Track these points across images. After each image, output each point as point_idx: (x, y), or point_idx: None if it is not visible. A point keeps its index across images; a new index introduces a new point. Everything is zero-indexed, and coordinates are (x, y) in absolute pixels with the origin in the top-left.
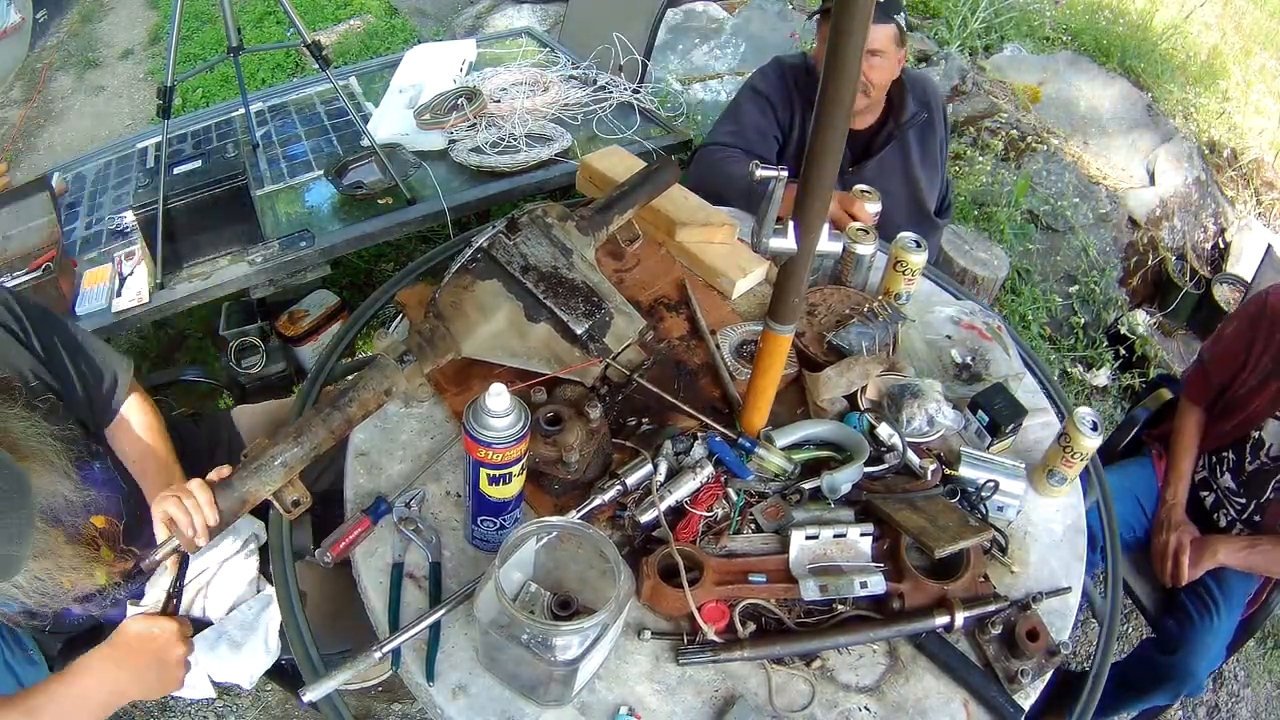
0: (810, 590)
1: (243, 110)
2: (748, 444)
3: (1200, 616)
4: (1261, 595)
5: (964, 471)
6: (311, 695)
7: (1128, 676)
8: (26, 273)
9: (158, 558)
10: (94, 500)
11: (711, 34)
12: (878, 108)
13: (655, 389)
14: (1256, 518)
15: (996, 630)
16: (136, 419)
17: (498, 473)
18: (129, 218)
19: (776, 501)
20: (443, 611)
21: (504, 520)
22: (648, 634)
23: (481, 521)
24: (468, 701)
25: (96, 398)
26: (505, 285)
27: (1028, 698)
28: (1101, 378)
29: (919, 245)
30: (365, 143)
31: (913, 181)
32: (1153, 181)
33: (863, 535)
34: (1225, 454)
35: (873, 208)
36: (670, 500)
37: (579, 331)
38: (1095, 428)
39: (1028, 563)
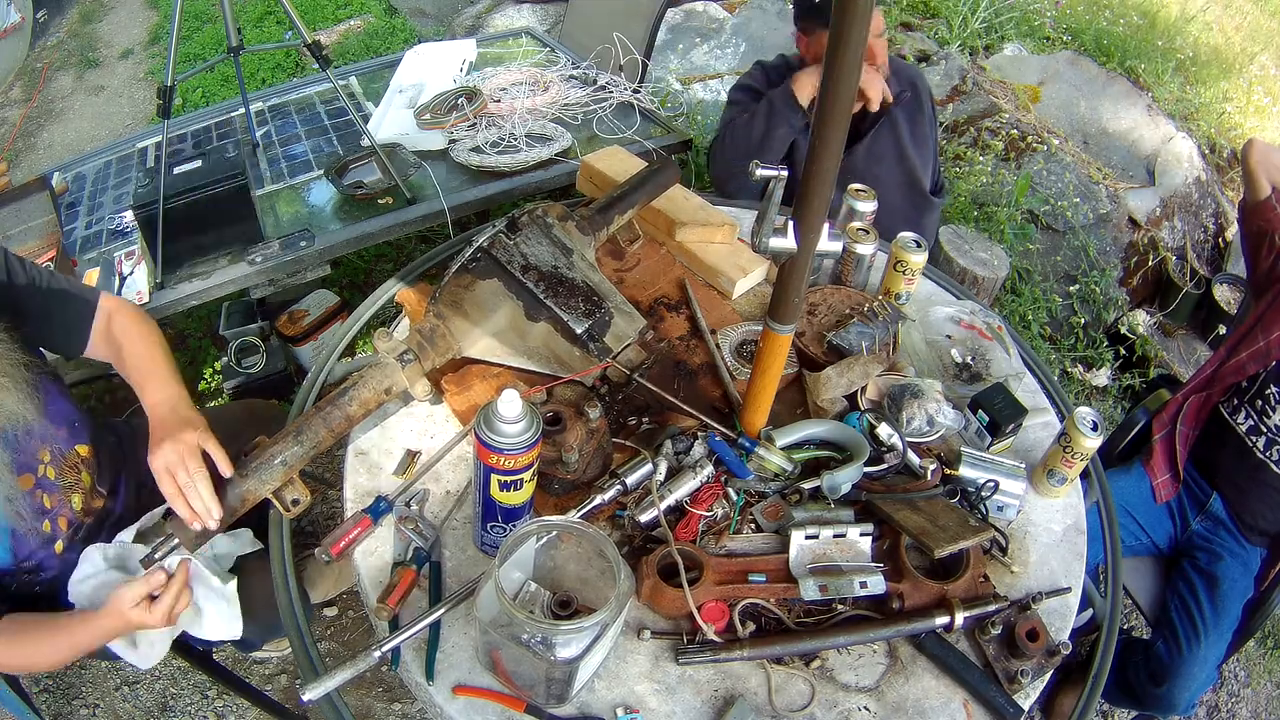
0: (810, 590)
1: (243, 110)
2: (748, 444)
3: (1189, 645)
4: (1262, 584)
5: (964, 471)
6: (310, 694)
7: (1123, 682)
8: None
9: (158, 555)
10: (78, 430)
11: (711, 34)
12: None
13: (655, 388)
14: None
15: (996, 630)
16: (124, 329)
17: (509, 479)
18: (129, 217)
19: (776, 501)
20: (442, 611)
21: (514, 527)
22: (647, 634)
23: (491, 528)
24: (467, 701)
25: (66, 323)
26: (505, 284)
27: (1028, 698)
28: (1101, 378)
29: (919, 245)
30: (365, 142)
31: (906, 160)
32: (1153, 181)
33: (863, 535)
34: (1269, 390)
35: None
36: (670, 500)
37: (579, 331)
38: (1095, 428)
39: (1028, 563)
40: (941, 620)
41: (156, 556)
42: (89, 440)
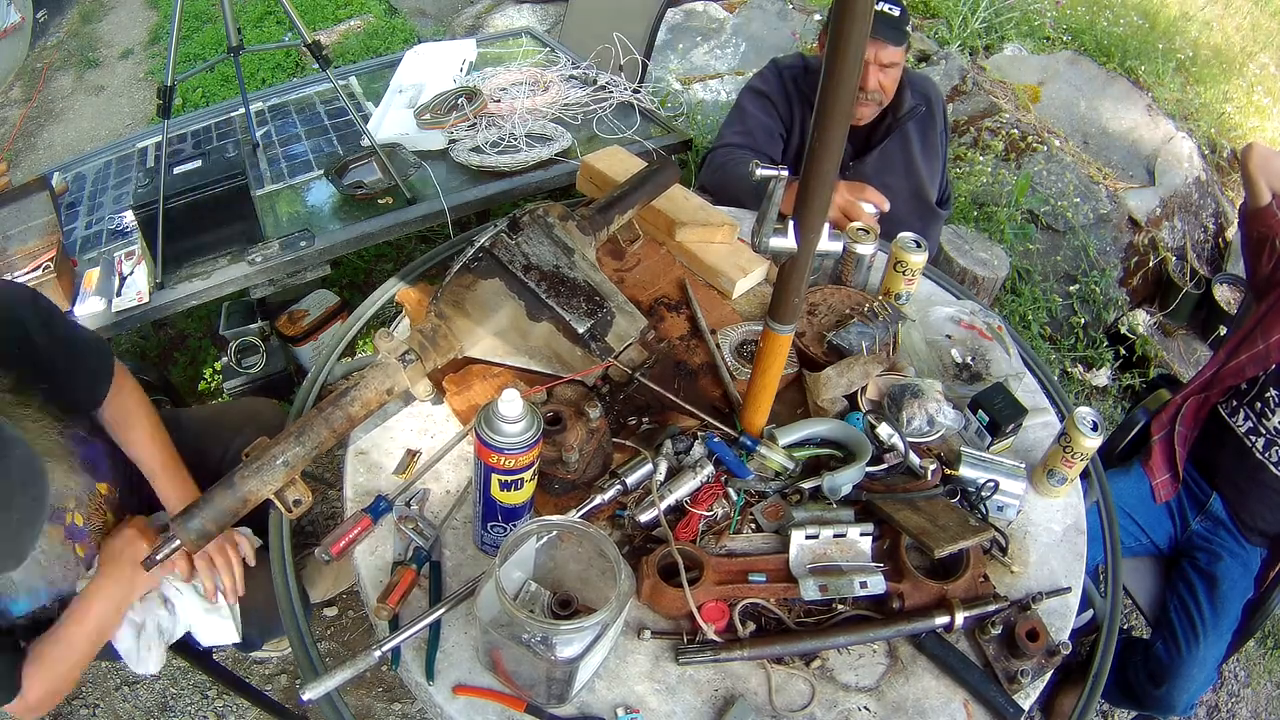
0: (810, 590)
1: (243, 110)
2: (748, 443)
3: (1188, 646)
4: (1262, 585)
5: (964, 471)
6: (310, 694)
7: (1123, 683)
8: (26, 272)
9: (158, 558)
10: (100, 470)
11: (711, 34)
12: None
13: (656, 388)
14: None
15: (996, 630)
16: (129, 407)
17: (509, 478)
18: (129, 217)
19: (776, 501)
20: (443, 610)
21: (514, 526)
22: (648, 633)
23: (491, 527)
24: (467, 701)
25: (86, 385)
26: (507, 284)
27: (1028, 698)
28: (1101, 378)
29: (919, 245)
30: (365, 142)
31: (914, 173)
32: (1153, 181)
33: (863, 535)
34: (1269, 393)
35: (872, 208)
36: (670, 500)
37: (581, 330)
38: (1095, 428)
39: (1028, 563)
40: (941, 620)
41: (157, 558)
42: (109, 477)
